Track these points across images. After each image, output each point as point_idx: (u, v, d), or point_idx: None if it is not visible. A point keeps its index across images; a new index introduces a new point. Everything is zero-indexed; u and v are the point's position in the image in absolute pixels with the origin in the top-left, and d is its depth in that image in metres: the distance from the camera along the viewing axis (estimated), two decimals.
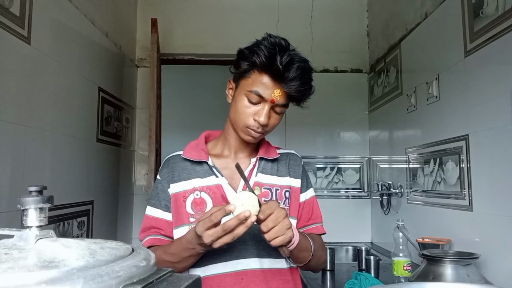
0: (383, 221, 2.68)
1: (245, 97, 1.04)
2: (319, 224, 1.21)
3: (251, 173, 1.13)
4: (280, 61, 0.99)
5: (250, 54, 1.03)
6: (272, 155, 1.17)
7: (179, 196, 1.10)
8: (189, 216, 1.07)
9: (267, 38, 1.05)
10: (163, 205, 1.11)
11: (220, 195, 1.08)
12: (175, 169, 1.13)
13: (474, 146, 1.60)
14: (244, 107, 1.04)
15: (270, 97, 1.02)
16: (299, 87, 1.01)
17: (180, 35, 3.11)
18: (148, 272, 0.46)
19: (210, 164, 1.11)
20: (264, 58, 1.00)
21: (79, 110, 2.10)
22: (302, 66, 1.02)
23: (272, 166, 1.16)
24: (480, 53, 1.56)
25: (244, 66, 1.04)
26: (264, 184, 1.12)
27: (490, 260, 1.46)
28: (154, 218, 1.11)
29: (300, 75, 1.00)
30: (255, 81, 1.02)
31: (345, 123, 3.09)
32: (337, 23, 3.15)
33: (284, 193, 1.14)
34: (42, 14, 1.71)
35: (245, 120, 1.05)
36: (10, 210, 1.46)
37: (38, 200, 0.49)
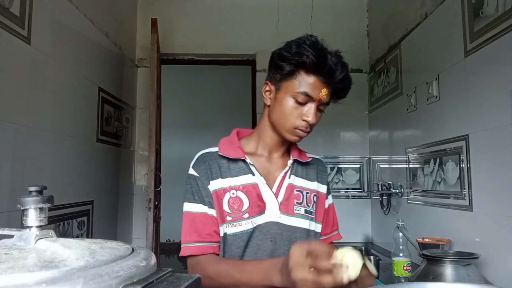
0: (383, 221, 2.68)
1: (292, 98, 1.03)
2: (337, 231, 1.26)
3: (285, 175, 1.14)
4: (331, 60, 1.00)
5: (295, 56, 1.01)
6: (304, 158, 1.19)
7: (218, 194, 1.08)
8: (227, 215, 1.06)
9: (308, 37, 1.04)
10: (207, 202, 1.07)
11: (255, 194, 1.08)
12: (212, 165, 1.10)
13: (474, 146, 1.60)
14: (292, 108, 1.04)
15: (318, 96, 1.02)
16: (347, 85, 1.06)
17: (180, 35, 3.11)
18: (148, 272, 0.46)
19: (248, 161, 1.10)
20: (314, 59, 0.99)
21: (79, 110, 2.10)
22: (346, 66, 1.04)
23: (302, 170, 1.18)
24: (480, 53, 1.56)
25: (288, 68, 1.03)
26: (297, 187, 1.14)
27: (490, 260, 1.46)
28: (200, 214, 1.06)
29: (346, 73, 1.04)
30: (302, 82, 1.02)
31: (345, 123, 3.09)
32: (337, 23, 3.15)
33: (312, 197, 1.16)
34: (42, 14, 1.71)
35: (293, 121, 1.05)
36: (10, 210, 1.46)
37: (38, 200, 0.49)
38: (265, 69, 3.12)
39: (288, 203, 1.10)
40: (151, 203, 2.38)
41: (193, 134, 6.42)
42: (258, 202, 1.07)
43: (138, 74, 3.13)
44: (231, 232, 1.06)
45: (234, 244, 1.06)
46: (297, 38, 1.06)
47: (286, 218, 1.09)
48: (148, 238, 2.38)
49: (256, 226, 1.06)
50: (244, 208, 1.06)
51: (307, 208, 1.13)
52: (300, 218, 1.11)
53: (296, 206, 1.11)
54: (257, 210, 1.07)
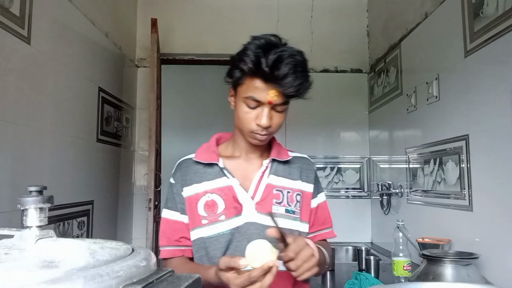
0: (383, 221, 2.68)
1: (243, 103, 1.05)
2: (330, 229, 1.24)
3: (263, 174, 1.13)
4: (266, 63, 0.98)
5: (238, 62, 1.03)
6: (284, 156, 1.17)
7: (192, 199, 1.11)
8: (202, 219, 1.09)
9: (252, 41, 1.04)
10: (179, 208, 1.13)
11: (231, 196, 1.09)
12: (188, 172, 1.14)
13: (474, 146, 1.60)
14: (245, 113, 1.05)
15: (267, 99, 1.01)
16: (293, 83, 0.99)
17: (180, 35, 3.11)
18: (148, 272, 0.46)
19: (220, 166, 1.12)
20: (250, 64, 0.99)
21: (79, 110, 2.10)
22: (293, 61, 0.99)
23: (284, 169, 1.17)
24: (480, 53, 1.56)
25: (236, 74, 1.04)
26: (276, 186, 1.13)
27: (490, 260, 1.46)
28: (172, 221, 1.13)
29: (292, 70, 0.98)
30: (249, 86, 1.02)
31: (345, 123, 3.09)
32: (337, 23, 3.15)
33: (295, 196, 1.15)
34: (42, 14, 1.71)
35: (248, 126, 1.06)
36: (10, 210, 1.46)
37: (38, 200, 0.49)
38: None
39: (266, 202, 1.10)
40: (151, 203, 2.38)
41: (193, 134, 6.41)
42: (235, 204, 1.09)
43: (138, 74, 3.13)
44: (207, 235, 1.08)
45: (211, 246, 1.07)
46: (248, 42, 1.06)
47: (263, 217, 1.08)
48: (148, 238, 2.38)
49: (234, 228, 1.07)
50: (220, 210, 1.08)
51: (288, 208, 1.12)
52: (279, 218, 1.08)
53: (275, 205, 1.11)
54: (233, 211, 1.08)
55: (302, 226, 1.15)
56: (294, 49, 1.03)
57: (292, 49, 1.03)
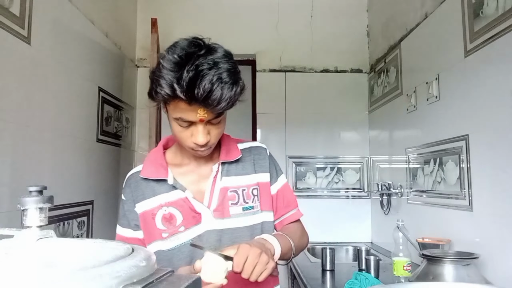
0: (383, 221, 2.68)
1: (175, 123, 0.97)
2: (296, 210, 1.21)
3: (215, 179, 1.10)
4: (181, 88, 0.86)
5: (155, 85, 0.92)
6: (234, 155, 1.12)
7: (147, 214, 1.07)
8: (161, 232, 1.06)
9: (166, 55, 0.92)
10: (132, 225, 1.09)
11: (188, 207, 1.06)
12: (138, 187, 1.09)
13: (474, 146, 1.60)
14: (179, 132, 0.98)
15: (197, 118, 0.92)
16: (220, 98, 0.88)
17: (180, 35, 3.10)
18: (148, 272, 0.46)
19: (169, 182, 1.07)
20: (167, 89, 0.88)
21: (79, 110, 2.10)
22: (215, 73, 0.88)
23: (236, 166, 1.13)
24: (480, 53, 1.56)
25: (157, 96, 0.93)
26: (230, 187, 1.10)
27: (490, 260, 1.46)
28: (126, 238, 1.09)
29: (216, 84, 0.87)
30: (175, 108, 0.93)
31: (345, 123, 3.09)
32: (337, 23, 3.15)
33: (251, 191, 1.12)
34: (42, 14, 1.71)
35: (185, 144, 1.00)
36: (10, 210, 1.46)
37: (38, 200, 0.49)
38: (265, 69, 3.13)
39: (223, 207, 1.08)
40: None
41: None
42: (193, 214, 1.06)
43: (138, 74, 3.13)
44: (168, 248, 1.05)
45: (174, 258, 1.05)
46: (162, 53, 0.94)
47: (221, 222, 1.07)
48: None
49: (195, 237, 1.05)
50: (179, 222, 1.05)
51: (245, 205, 1.10)
52: (237, 218, 1.08)
53: (232, 207, 1.08)
54: (193, 221, 1.06)
55: (265, 216, 1.12)
56: (218, 54, 0.93)
57: (215, 54, 0.92)
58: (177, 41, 0.97)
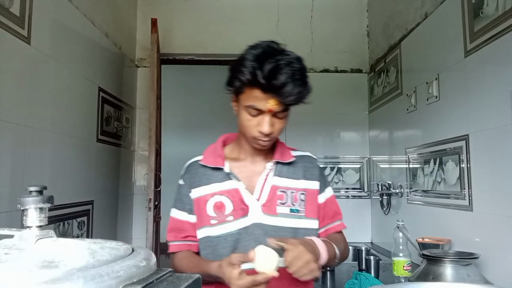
0: (383, 221, 2.68)
1: (245, 111, 1.07)
2: (340, 221, 1.28)
3: (267, 177, 1.17)
4: (262, 74, 0.99)
5: (236, 72, 1.05)
6: (287, 158, 1.20)
7: (200, 200, 1.16)
8: (210, 219, 1.13)
9: (249, 50, 1.05)
10: (187, 209, 1.18)
11: (238, 198, 1.13)
12: (196, 174, 1.19)
13: (474, 146, 1.60)
14: (247, 120, 1.08)
15: (267, 108, 1.03)
16: (291, 92, 1.00)
17: (180, 35, 3.11)
18: (148, 272, 0.46)
19: (226, 171, 1.16)
20: (248, 75, 1.01)
21: (79, 110, 2.10)
22: (290, 70, 1.00)
23: (288, 169, 1.20)
24: (480, 53, 1.56)
25: (236, 83, 1.06)
26: (280, 187, 1.16)
27: (490, 260, 1.46)
28: (180, 220, 1.18)
29: (290, 79, 0.99)
30: (249, 96, 1.04)
31: (345, 123, 3.09)
32: (337, 23, 3.15)
33: (299, 196, 1.18)
34: (42, 14, 1.71)
35: (250, 133, 1.09)
36: (10, 210, 1.46)
37: (38, 200, 0.49)
38: None
39: (271, 204, 1.14)
40: (151, 203, 2.38)
41: (193, 134, 6.41)
42: (242, 206, 1.13)
43: (138, 74, 3.13)
44: (215, 234, 1.13)
45: (219, 245, 1.12)
46: (245, 50, 1.07)
47: (269, 218, 1.13)
48: (148, 238, 2.38)
49: (241, 228, 1.11)
50: (228, 211, 1.13)
51: (292, 207, 1.16)
52: (284, 218, 1.14)
53: (280, 206, 1.14)
54: (240, 213, 1.13)
55: (308, 223, 1.17)
56: (292, 56, 1.04)
57: (290, 56, 1.04)
58: (258, 42, 1.08)
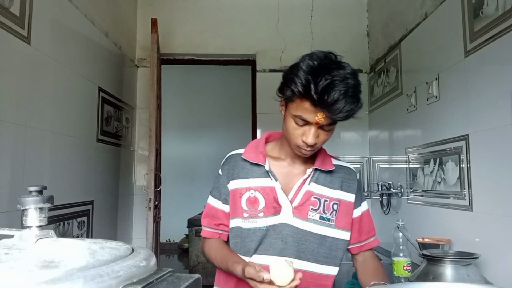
0: (383, 221, 2.68)
1: (292, 119, 1.07)
2: (375, 237, 1.30)
3: (304, 181, 1.18)
4: (315, 89, 0.98)
5: (289, 82, 1.04)
6: (328, 166, 1.21)
7: (236, 192, 1.18)
8: (243, 212, 1.16)
9: (304, 60, 1.03)
10: (222, 198, 1.21)
11: (272, 196, 1.15)
12: (236, 167, 1.21)
13: (474, 146, 1.60)
14: (292, 128, 1.08)
15: (315, 120, 1.03)
16: (342, 109, 1.00)
17: (180, 35, 3.11)
18: (148, 272, 0.46)
19: (266, 169, 1.17)
20: (301, 88, 1.00)
21: (79, 110, 2.10)
22: (344, 87, 0.99)
23: (325, 177, 1.21)
24: (480, 53, 1.56)
25: (287, 92, 1.05)
26: (315, 194, 1.17)
27: (490, 260, 1.46)
28: (215, 208, 1.22)
29: (342, 96, 0.98)
30: (298, 106, 1.04)
31: (345, 123, 3.03)
32: (337, 23, 3.15)
33: (332, 205, 1.18)
34: (42, 14, 1.71)
35: (294, 140, 1.09)
36: (10, 210, 1.46)
37: (38, 200, 0.49)
38: (265, 69, 3.13)
39: (303, 208, 1.15)
40: (151, 203, 2.38)
41: (193, 134, 6.41)
42: (274, 204, 1.15)
43: (138, 74, 3.13)
44: (246, 227, 1.15)
45: (248, 238, 1.15)
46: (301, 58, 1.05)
47: (298, 221, 1.15)
48: (148, 238, 2.38)
49: (270, 225, 1.13)
50: (260, 207, 1.15)
51: (323, 215, 1.17)
52: (313, 224, 1.15)
53: (311, 212, 1.16)
54: (272, 211, 1.15)
55: (338, 233, 1.18)
56: (347, 71, 1.02)
57: (345, 70, 1.02)
58: (314, 51, 1.06)
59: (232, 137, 5.81)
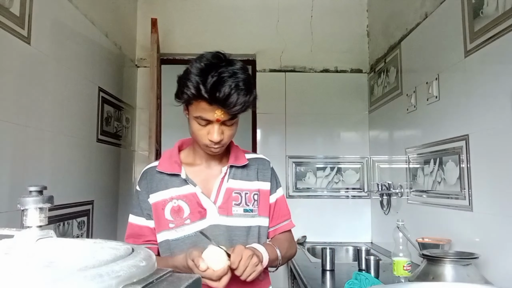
0: (383, 221, 2.68)
1: (195, 121, 1.11)
2: (289, 220, 1.34)
3: (223, 180, 1.22)
4: (205, 88, 1.02)
5: (182, 87, 1.08)
6: (241, 161, 1.26)
7: (158, 205, 1.20)
8: (169, 223, 1.18)
9: (193, 64, 1.08)
10: (145, 214, 1.21)
11: (195, 202, 1.18)
12: (153, 180, 1.22)
13: (474, 146, 1.60)
14: (197, 130, 1.12)
15: (214, 118, 1.07)
16: (236, 102, 1.04)
17: (180, 35, 3.11)
18: (148, 272, 0.46)
19: (183, 177, 1.20)
20: (193, 90, 1.04)
21: (79, 110, 2.10)
22: (234, 81, 1.04)
23: (242, 172, 1.26)
24: (480, 53, 1.56)
25: (183, 96, 1.09)
26: (235, 189, 1.22)
27: (490, 260, 1.46)
28: (139, 226, 1.22)
29: (233, 90, 1.03)
30: (197, 107, 1.08)
31: (345, 123, 3.09)
32: (337, 23, 3.15)
33: (252, 196, 1.24)
34: (42, 14, 1.71)
35: (201, 141, 1.13)
36: (10, 210, 1.46)
37: (38, 200, 0.49)
38: (265, 69, 3.13)
39: (227, 205, 1.20)
40: None
41: None
42: (199, 209, 1.18)
43: (138, 74, 3.13)
44: (173, 238, 1.17)
45: (177, 248, 1.16)
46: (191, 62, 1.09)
47: (225, 219, 1.19)
48: None
49: (199, 230, 1.15)
50: (186, 215, 1.18)
51: (246, 207, 1.22)
52: (239, 218, 1.20)
53: (235, 207, 1.21)
54: (198, 216, 1.18)
55: (262, 221, 1.24)
56: (236, 66, 1.08)
57: (234, 66, 1.07)
58: (203, 53, 1.12)
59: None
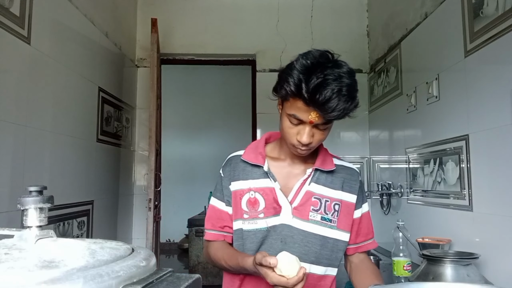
0: (383, 221, 2.68)
1: (287, 118, 1.07)
2: (372, 239, 1.29)
3: (305, 181, 1.17)
4: (307, 88, 0.97)
5: (283, 81, 1.03)
6: (328, 166, 1.20)
7: (237, 193, 1.18)
8: (244, 213, 1.16)
9: (299, 59, 1.02)
10: (225, 200, 1.21)
11: (272, 197, 1.15)
12: (236, 168, 1.21)
13: (474, 146, 1.60)
14: (287, 127, 1.08)
15: (308, 119, 1.02)
16: (335, 108, 0.98)
17: (180, 35, 3.11)
18: (148, 272, 0.46)
19: (265, 170, 1.17)
20: (293, 87, 0.99)
21: (79, 110, 2.10)
22: (337, 85, 0.97)
23: (326, 177, 1.19)
24: (480, 53, 1.56)
25: (282, 91, 1.05)
26: (315, 194, 1.16)
27: (490, 260, 1.46)
28: (219, 209, 1.21)
29: (335, 95, 0.97)
30: (292, 104, 1.03)
31: (345, 123, 3.04)
32: (337, 23, 3.15)
33: (333, 206, 1.17)
34: (42, 14, 1.71)
35: (289, 140, 1.09)
36: (10, 210, 1.46)
37: (38, 200, 0.49)
38: (265, 69, 3.13)
39: (303, 208, 1.14)
40: (151, 203, 2.38)
41: (193, 134, 6.41)
42: (274, 205, 1.14)
43: (138, 74, 3.13)
44: (246, 229, 1.15)
45: (248, 239, 1.15)
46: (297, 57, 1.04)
47: (298, 222, 1.14)
48: (148, 238, 2.38)
49: (270, 226, 1.13)
50: (260, 208, 1.15)
51: (324, 216, 1.16)
52: (314, 224, 1.14)
53: (312, 212, 1.15)
54: (272, 211, 1.14)
55: (341, 235, 1.17)
56: (343, 70, 1.01)
57: (341, 69, 1.00)
58: (311, 50, 1.05)
59: (232, 137, 5.81)
